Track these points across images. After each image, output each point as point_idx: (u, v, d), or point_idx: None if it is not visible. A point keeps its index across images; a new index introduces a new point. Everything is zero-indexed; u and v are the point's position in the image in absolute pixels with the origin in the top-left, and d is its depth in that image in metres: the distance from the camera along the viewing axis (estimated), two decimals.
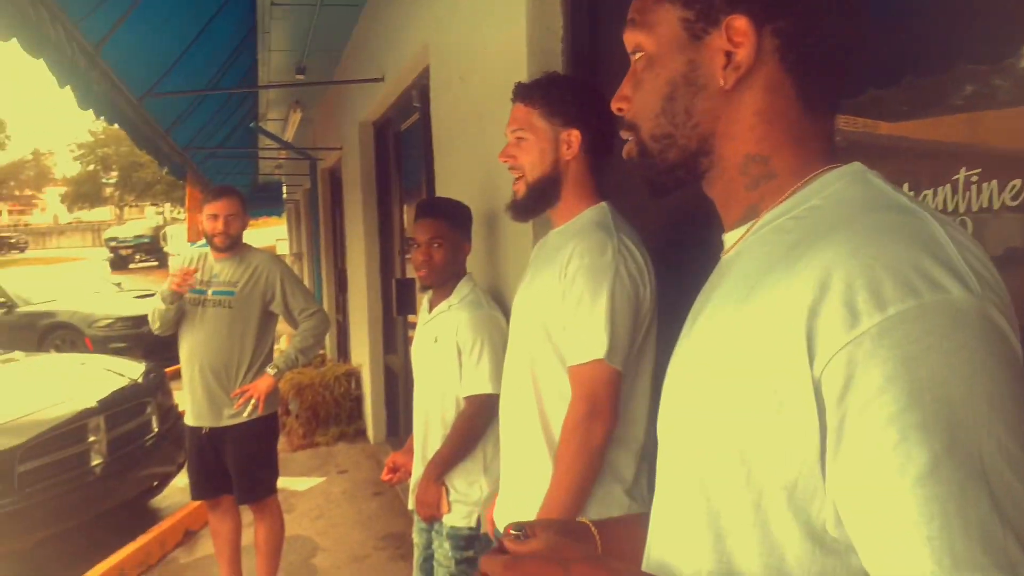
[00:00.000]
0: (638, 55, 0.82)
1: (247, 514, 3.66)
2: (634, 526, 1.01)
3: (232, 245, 3.48)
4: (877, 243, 0.61)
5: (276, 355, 3.56)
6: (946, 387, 0.56)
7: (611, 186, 1.72)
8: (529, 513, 1.69)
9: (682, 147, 0.80)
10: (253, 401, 3.35)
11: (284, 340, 10.46)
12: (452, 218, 2.47)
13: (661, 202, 0.90)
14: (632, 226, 1.71)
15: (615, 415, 1.60)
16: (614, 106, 0.86)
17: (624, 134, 0.86)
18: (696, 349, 0.78)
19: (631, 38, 0.82)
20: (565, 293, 1.64)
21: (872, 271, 0.59)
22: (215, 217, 3.40)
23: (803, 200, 0.73)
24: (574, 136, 1.71)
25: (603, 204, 1.74)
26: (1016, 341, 0.60)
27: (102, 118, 4.02)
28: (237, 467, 3.47)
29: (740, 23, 0.74)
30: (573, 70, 2.21)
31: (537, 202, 1.77)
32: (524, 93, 1.76)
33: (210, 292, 3.47)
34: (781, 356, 0.63)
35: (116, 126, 4.32)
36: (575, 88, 1.76)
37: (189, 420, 3.52)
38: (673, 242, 1.82)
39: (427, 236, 2.43)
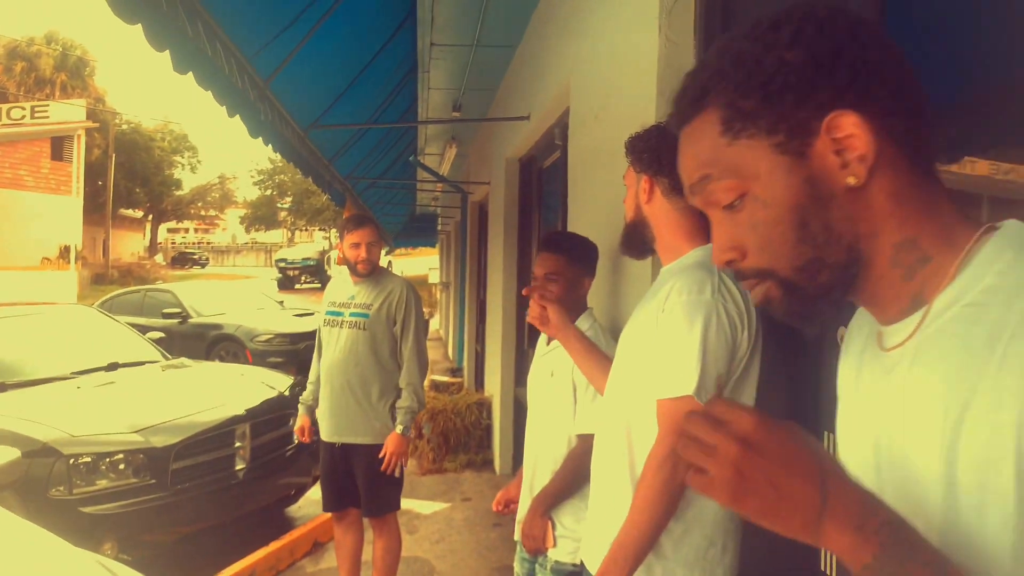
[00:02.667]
0: (737, 202, 0.78)
1: (370, 531, 3.79)
2: None
3: (372, 270, 3.69)
4: None
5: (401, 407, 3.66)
6: None
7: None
8: (606, 545, 1.67)
9: (832, 265, 0.76)
10: (398, 464, 3.59)
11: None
12: (572, 253, 2.48)
13: None
14: None
15: None
16: (721, 261, 0.82)
17: (747, 284, 0.82)
18: (902, 451, 0.75)
19: (720, 191, 0.79)
20: (661, 329, 1.64)
21: None
22: (357, 245, 3.61)
23: (974, 281, 0.70)
24: (644, 183, 1.80)
25: (708, 245, 1.70)
26: None
27: (270, 146, 4.36)
28: (366, 482, 3.64)
29: (847, 119, 0.72)
30: None
31: (631, 242, 1.91)
32: (628, 148, 1.88)
33: (347, 313, 3.68)
34: (1012, 446, 0.62)
35: None
36: (654, 139, 1.80)
37: (324, 435, 3.72)
38: None
39: (543, 271, 2.45)
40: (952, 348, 0.69)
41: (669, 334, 1.62)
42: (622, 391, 1.80)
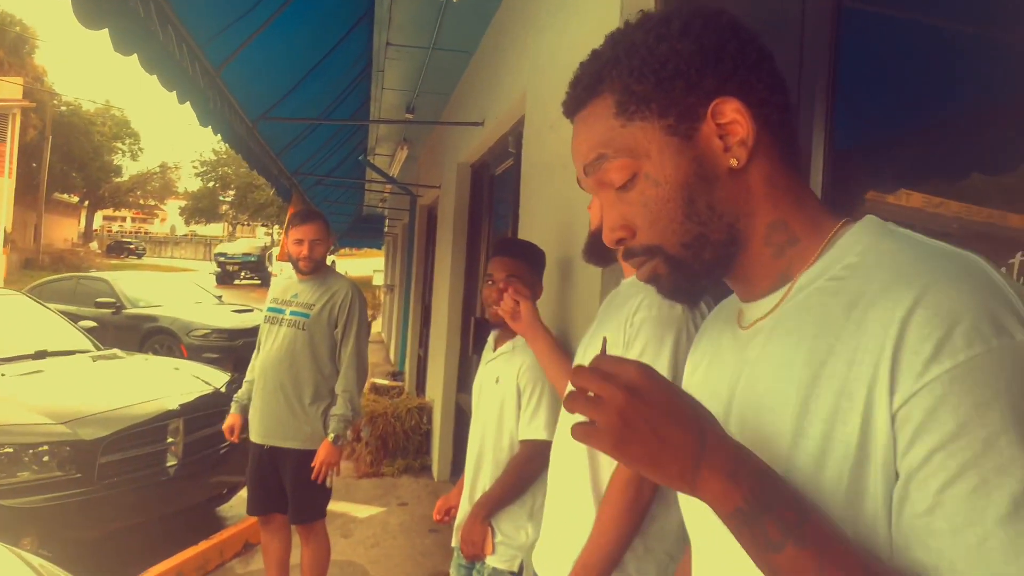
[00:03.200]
0: (629, 182, 0.82)
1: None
2: None
3: (315, 269, 3.56)
4: (942, 291, 0.65)
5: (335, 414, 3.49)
6: (1018, 428, 0.60)
7: None
8: (567, 560, 1.68)
9: (714, 242, 0.81)
10: (331, 474, 3.47)
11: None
12: (529, 260, 2.49)
13: None
14: None
15: None
16: (611, 240, 0.86)
17: (635, 262, 0.87)
18: (762, 409, 0.79)
19: (614, 170, 0.82)
20: (629, 343, 1.64)
21: (942, 319, 0.64)
22: (300, 242, 3.49)
23: (836, 259, 0.77)
24: None
25: None
26: None
27: (219, 136, 4.27)
28: (293, 488, 3.52)
29: (731, 105, 0.79)
30: None
31: (596, 248, 1.84)
32: None
33: (288, 312, 3.56)
34: (865, 399, 0.67)
35: None
36: None
37: (253, 436, 3.58)
38: None
39: (504, 274, 2.44)
40: (812, 316, 0.75)
41: (638, 349, 1.62)
42: None
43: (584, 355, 1.83)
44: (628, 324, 1.66)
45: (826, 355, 0.71)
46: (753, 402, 0.80)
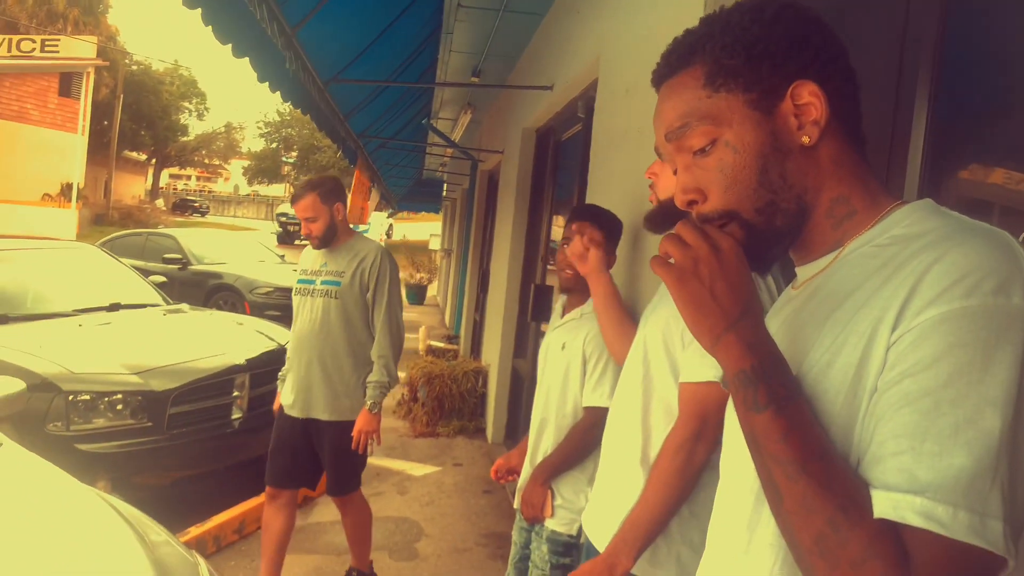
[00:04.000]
0: (708, 147, 0.89)
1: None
2: None
3: (326, 241, 3.42)
4: (961, 252, 0.73)
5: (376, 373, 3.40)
6: (983, 372, 0.68)
7: None
8: (615, 522, 1.72)
9: (784, 211, 0.89)
10: (373, 441, 3.39)
11: (422, 332, 10.81)
12: (609, 228, 2.47)
13: None
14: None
15: (719, 440, 1.58)
16: (683, 203, 0.93)
17: (708, 226, 0.92)
18: (792, 350, 0.88)
19: (696, 135, 0.89)
20: None
21: (953, 272, 0.72)
22: (300, 222, 3.42)
23: (885, 230, 0.85)
24: None
25: None
26: None
27: (289, 100, 4.31)
28: (331, 461, 3.45)
29: (809, 87, 0.87)
30: None
31: (665, 218, 1.83)
32: None
33: (319, 281, 3.44)
34: (871, 333, 0.76)
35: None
36: None
37: (288, 408, 3.50)
38: None
39: (585, 238, 2.43)
40: (852, 276, 0.84)
41: None
42: (642, 372, 1.80)
43: (645, 327, 1.82)
44: None
45: (855, 310, 0.79)
46: (784, 351, 0.87)
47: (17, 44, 25.82)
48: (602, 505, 1.89)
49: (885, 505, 0.69)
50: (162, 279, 7.13)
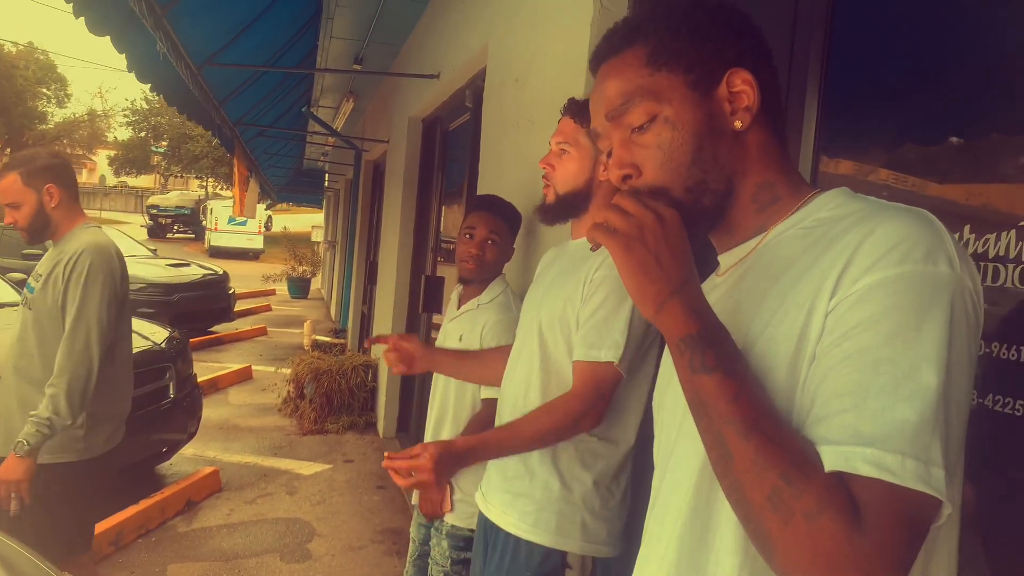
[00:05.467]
0: (647, 124, 0.92)
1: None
2: None
3: (37, 234, 2.64)
4: (891, 225, 0.77)
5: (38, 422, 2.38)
6: (917, 332, 0.73)
7: None
8: (517, 497, 1.78)
9: (714, 191, 0.92)
10: (14, 497, 2.38)
11: (307, 326, 10.52)
12: (510, 220, 2.49)
13: None
14: None
15: (603, 418, 1.68)
16: (618, 177, 0.95)
17: (647, 199, 0.93)
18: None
19: (637, 113, 0.93)
20: (588, 296, 1.70)
21: (885, 242, 0.76)
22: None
23: (810, 213, 0.90)
24: None
25: None
26: (978, 313, 0.78)
27: (148, 86, 4.03)
28: (40, 513, 2.48)
29: (744, 75, 0.91)
30: None
31: (563, 212, 1.85)
32: (576, 110, 1.82)
33: (27, 287, 2.70)
34: (810, 305, 0.79)
35: None
36: None
37: None
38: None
39: (486, 230, 2.42)
40: (782, 256, 0.88)
41: (598, 303, 1.68)
42: (538, 356, 1.81)
43: (540, 311, 1.82)
44: (587, 281, 1.71)
45: (792, 284, 0.83)
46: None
47: None
48: (501, 482, 1.86)
49: (834, 458, 0.71)
50: (21, 276, 6.61)
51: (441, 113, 5.29)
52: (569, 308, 1.74)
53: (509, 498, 1.85)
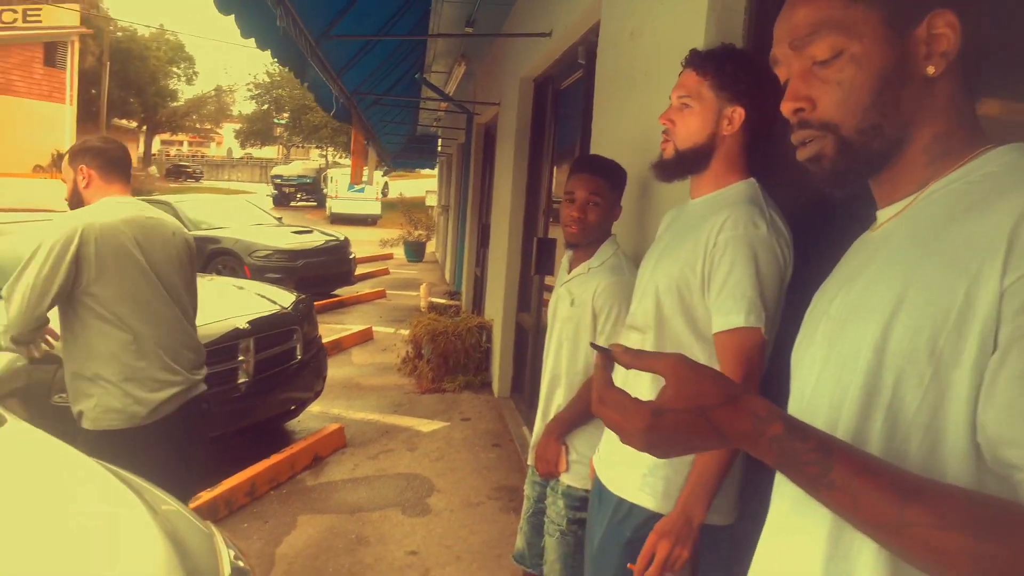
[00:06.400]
0: (832, 59, 0.87)
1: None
2: None
3: (73, 208, 2.85)
4: None
5: None
6: None
7: (761, 165, 1.72)
8: (631, 467, 1.77)
9: (887, 137, 0.86)
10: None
11: (423, 289, 10.77)
12: (612, 178, 2.42)
13: (798, 185, 0.99)
14: (778, 206, 1.70)
15: (759, 384, 1.60)
16: (790, 109, 0.90)
17: (804, 135, 0.91)
18: (869, 290, 0.86)
19: (824, 46, 0.88)
20: (712, 261, 1.63)
21: None
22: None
23: (977, 168, 0.83)
24: (738, 114, 1.70)
25: (752, 180, 1.72)
26: None
27: (277, 62, 4.18)
28: None
29: (949, 17, 0.83)
30: (755, 32, 2.09)
31: (682, 168, 1.78)
32: (698, 62, 1.74)
33: None
34: (975, 272, 0.72)
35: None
36: (749, 65, 1.70)
37: None
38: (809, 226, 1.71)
39: (586, 192, 2.38)
40: (933, 216, 0.82)
41: (726, 267, 1.60)
42: (653, 323, 1.76)
43: (655, 274, 1.78)
44: (711, 244, 1.63)
45: (955, 245, 0.76)
46: (853, 298, 0.88)
47: None
48: (614, 451, 1.87)
49: None
50: None
51: (553, 72, 5.24)
52: (689, 273, 1.68)
53: (617, 459, 1.84)
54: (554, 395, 2.53)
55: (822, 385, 0.88)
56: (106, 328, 2.62)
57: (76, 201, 2.85)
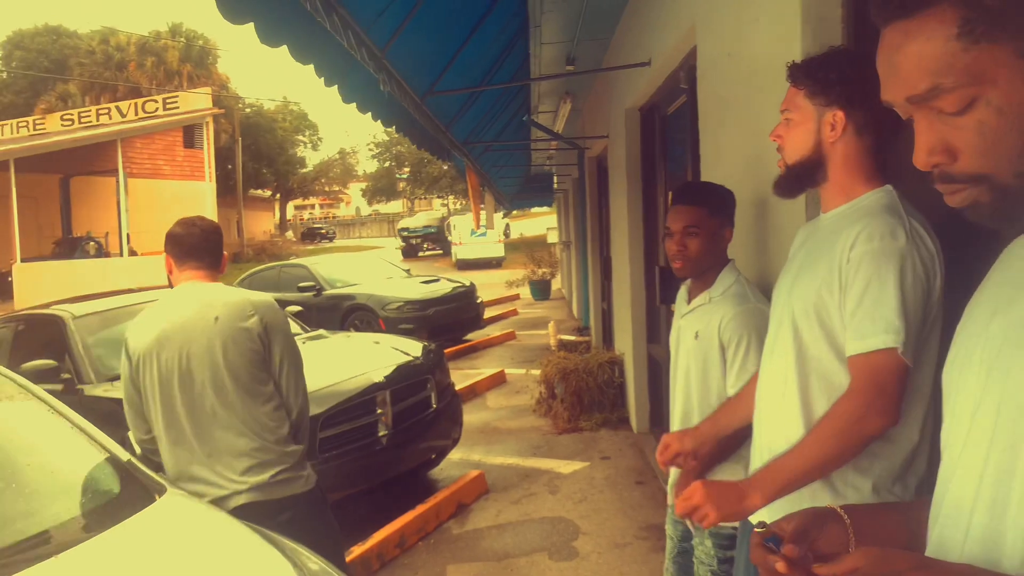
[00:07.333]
0: (965, 109, 0.74)
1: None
2: (887, 513, 1.03)
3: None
4: None
5: None
6: None
7: (894, 170, 1.59)
8: (783, 504, 1.58)
9: None
10: None
11: (551, 327, 10.78)
12: (710, 203, 2.33)
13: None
14: (920, 212, 1.55)
15: (899, 412, 1.46)
16: (927, 163, 0.78)
17: (951, 188, 0.79)
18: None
19: (955, 99, 0.74)
20: (848, 278, 1.52)
21: None
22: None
23: None
24: (838, 118, 1.60)
25: (888, 187, 1.60)
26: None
27: (381, 123, 4.34)
28: None
29: None
30: (856, 37, 1.99)
31: (795, 183, 1.69)
32: (792, 72, 1.67)
33: None
34: None
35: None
36: (845, 65, 1.60)
37: None
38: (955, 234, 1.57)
39: (681, 224, 2.31)
40: None
41: (861, 286, 1.49)
42: (794, 348, 1.66)
43: (790, 299, 1.69)
44: (844, 260, 1.53)
45: None
46: (1017, 319, 0.75)
47: (142, 106, 27.71)
48: None
49: None
50: (298, 308, 7.41)
51: (657, 99, 5.19)
52: (826, 294, 1.57)
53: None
54: None
55: (982, 418, 0.77)
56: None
57: (171, 286, 2.79)
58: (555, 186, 17.38)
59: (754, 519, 2.25)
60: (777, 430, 1.71)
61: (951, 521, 0.82)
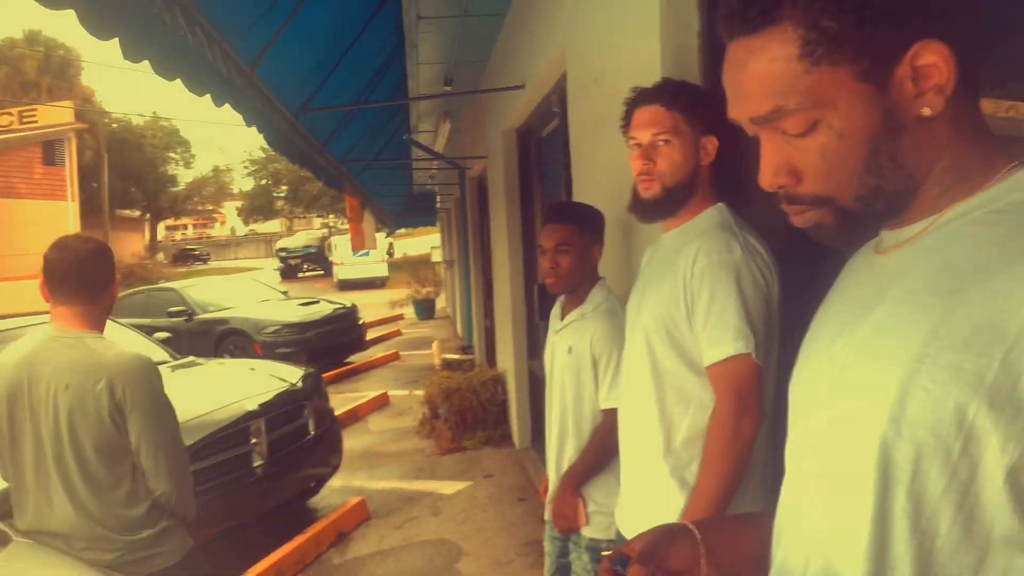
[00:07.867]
0: (807, 131, 0.75)
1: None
2: (737, 526, 1.05)
3: None
4: None
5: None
6: None
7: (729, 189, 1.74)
8: (650, 517, 1.68)
9: (890, 193, 0.75)
10: None
11: (435, 346, 10.74)
12: (580, 222, 2.41)
13: (772, 206, 0.86)
14: (752, 226, 1.69)
15: (762, 409, 1.58)
16: (771, 184, 0.79)
17: (796, 209, 0.80)
18: (881, 334, 0.74)
19: (797, 121, 0.75)
20: (692, 293, 1.62)
21: None
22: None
23: (1003, 194, 0.71)
24: (712, 143, 1.70)
25: (721, 205, 1.72)
26: None
27: (253, 127, 4.22)
28: None
29: (934, 48, 0.70)
30: (711, 67, 2.09)
31: (673, 205, 1.74)
32: (667, 97, 1.72)
33: None
34: (1015, 335, 0.61)
35: None
36: (710, 95, 1.72)
37: None
38: (789, 246, 1.68)
39: (552, 242, 2.38)
40: (960, 248, 0.70)
41: (706, 298, 1.59)
42: (648, 363, 1.74)
43: (640, 316, 1.77)
44: (689, 276, 1.63)
45: (963, 291, 0.66)
46: (860, 340, 0.76)
47: None
48: (633, 503, 1.86)
49: None
50: (167, 334, 7.07)
51: (532, 122, 5.28)
52: (674, 309, 1.66)
53: (640, 511, 1.81)
54: (564, 447, 2.48)
55: (829, 436, 0.78)
56: None
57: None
58: (438, 205, 17.39)
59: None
60: (640, 439, 1.79)
61: (790, 527, 0.86)
